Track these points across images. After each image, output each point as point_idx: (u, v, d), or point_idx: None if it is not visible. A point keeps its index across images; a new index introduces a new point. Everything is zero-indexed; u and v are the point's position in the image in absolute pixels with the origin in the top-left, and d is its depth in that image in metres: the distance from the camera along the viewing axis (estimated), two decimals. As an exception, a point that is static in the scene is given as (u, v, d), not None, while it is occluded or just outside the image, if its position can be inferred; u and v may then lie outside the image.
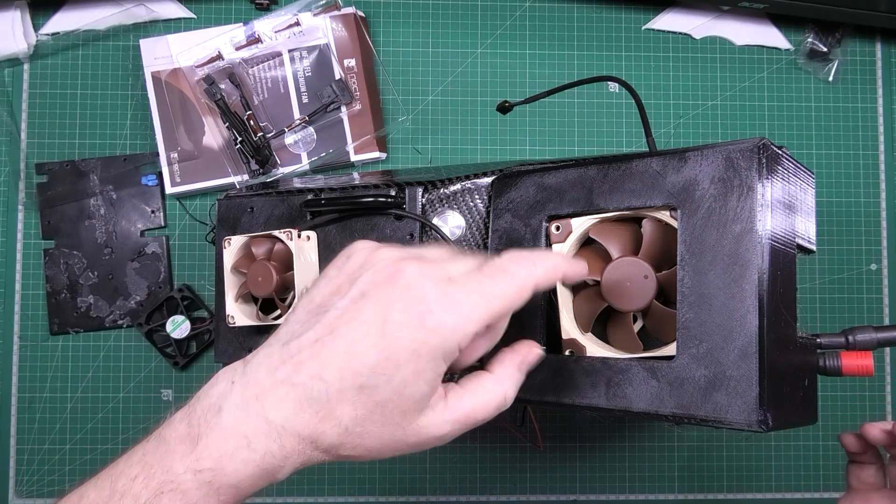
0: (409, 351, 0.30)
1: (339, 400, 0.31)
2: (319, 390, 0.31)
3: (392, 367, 0.30)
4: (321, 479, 0.69)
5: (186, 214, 0.70)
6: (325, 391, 0.31)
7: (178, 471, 0.31)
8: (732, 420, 0.35)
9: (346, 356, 0.30)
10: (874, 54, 0.73)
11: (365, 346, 0.30)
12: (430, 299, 0.31)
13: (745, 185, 0.37)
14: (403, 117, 0.70)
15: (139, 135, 0.71)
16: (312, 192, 0.54)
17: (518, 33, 0.72)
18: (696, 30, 0.72)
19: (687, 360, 0.37)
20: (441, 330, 0.30)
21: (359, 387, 0.31)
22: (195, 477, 0.31)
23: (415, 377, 0.31)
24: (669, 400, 0.37)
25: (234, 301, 0.54)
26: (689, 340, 0.37)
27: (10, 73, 0.71)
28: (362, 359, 0.30)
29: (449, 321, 0.30)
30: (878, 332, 0.43)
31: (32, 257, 0.70)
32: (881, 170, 0.73)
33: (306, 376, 0.31)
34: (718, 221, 0.37)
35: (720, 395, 0.36)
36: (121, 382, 0.69)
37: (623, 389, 0.39)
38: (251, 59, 0.68)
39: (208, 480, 0.31)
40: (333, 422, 0.31)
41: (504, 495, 0.70)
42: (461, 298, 0.31)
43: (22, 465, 0.68)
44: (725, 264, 0.37)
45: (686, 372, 0.37)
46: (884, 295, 0.72)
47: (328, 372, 0.31)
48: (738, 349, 0.36)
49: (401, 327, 0.30)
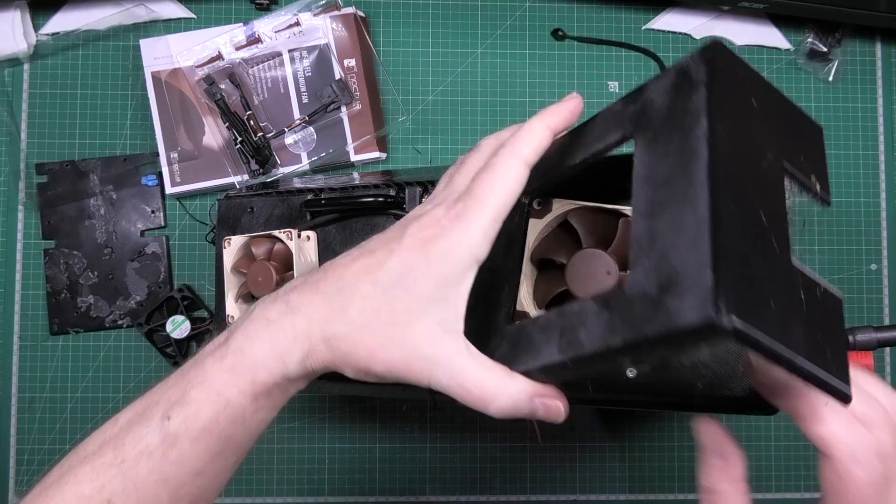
0: (421, 254, 0.33)
1: (350, 292, 0.33)
2: (337, 285, 0.34)
3: (404, 268, 0.33)
4: (321, 479, 0.69)
5: (186, 214, 0.70)
6: (340, 285, 0.34)
7: (207, 367, 0.34)
8: (685, 322, 0.27)
9: (366, 263, 0.34)
10: (874, 54, 0.73)
11: (383, 255, 0.33)
12: (441, 216, 0.33)
13: (696, 81, 0.32)
14: (403, 117, 0.70)
15: (139, 135, 0.71)
16: (312, 192, 0.54)
17: (518, 33, 0.72)
18: (696, 30, 0.72)
19: (639, 275, 0.31)
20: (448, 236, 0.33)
21: (371, 282, 0.33)
22: (220, 365, 0.34)
23: (424, 278, 0.33)
24: (621, 328, 0.30)
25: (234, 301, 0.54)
26: (640, 253, 0.31)
27: (10, 73, 0.71)
28: (379, 262, 0.33)
29: (452, 227, 0.33)
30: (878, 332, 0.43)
31: (32, 257, 0.70)
32: (881, 170, 0.73)
33: (331, 278, 0.34)
34: (671, 125, 0.33)
35: (671, 299, 0.28)
36: (121, 382, 0.69)
37: (576, 335, 0.33)
38: (251, 59, 0.68)
39: (231, 365, 0.34)
40: (340, 307, 0.33)
41: (504, 495, 0.70)
42: (461, 208, 0.33)
43: (22, 465, 0.68)
44: (678, 161, 0.31)
45: (638, 288, 0.30)
46: (884, 295, 0.72)
47: (348, 273, 0.34)
48: (689, 238, 0.29)
49: (414, 237, 0.33)
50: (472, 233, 0.32)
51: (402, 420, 0.70)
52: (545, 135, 0.35)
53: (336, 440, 0.70)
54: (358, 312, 0.33)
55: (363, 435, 0.70)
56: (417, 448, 0.70)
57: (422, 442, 0.70)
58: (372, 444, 0.70)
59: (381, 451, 0.70)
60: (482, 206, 0.33)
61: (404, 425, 0.70)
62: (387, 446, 0.70)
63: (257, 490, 0.69)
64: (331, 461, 0.70)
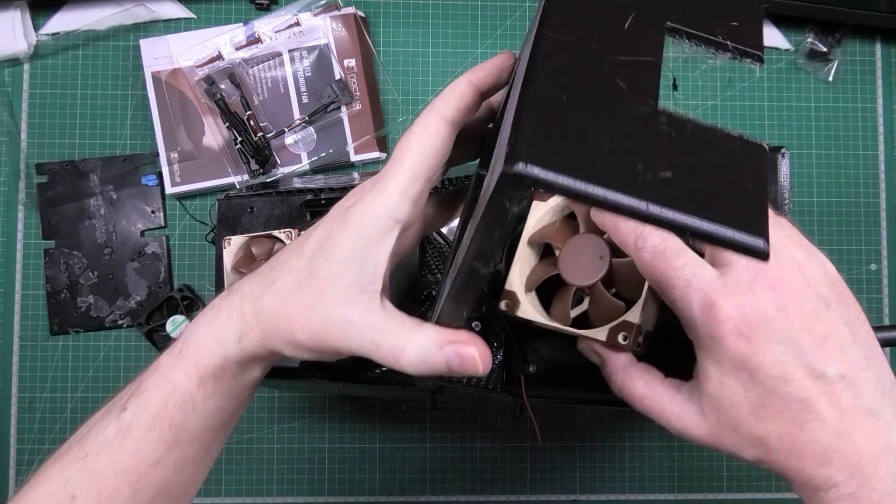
0: (339, 222, 0.33)
1: (280, 267, 0.34)
2: (272, 264, 0.35)
3: (324, 234, 0.33)
4: (321, 479, 0.69)
5: (186, 214, 0.70)
6: (274, 263, 0.35)
7: (161, 358, 0.35)
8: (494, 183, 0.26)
9: (299, 242, 0.34)
10: (874, 54, 0.73)
11: (313, 230, 0.34)
12: (364, 186, 0.34)
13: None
14: (403, 117, 0.70)
15: (139, 135, 0.71)
16: (312, 192, 0.54)
17: (518, 33, 0.72)
18: (696, 30, 0.72)
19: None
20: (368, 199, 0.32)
21: (298, 255, 0.34)
22: (170, 354, 0.35)
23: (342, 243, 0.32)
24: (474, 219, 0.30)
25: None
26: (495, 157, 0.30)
27: (10, 73, 0.71)
28: (309, 238, 0.34)
29: (373, 191, 0.32)
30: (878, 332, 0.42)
31: (32, 257, 0.70)
32: (881, 170, 0.73)
33: (271, 261, 0.35)
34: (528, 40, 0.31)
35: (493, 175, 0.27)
36: (121, 382, 0.69)
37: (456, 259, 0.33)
38: (251, 59, 0.68)
39: (178, 352, 0.35)
40: (269, 284, 0.34)
41: (504, 495, 0.70)
42: (381, 175, 0.33)
43: (22, 465, 0.68)
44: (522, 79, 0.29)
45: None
46: (884, 295, 0.72)
47: (284, 252, 0.35)
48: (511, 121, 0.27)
49: (338, 208, 0.34)
50: (389, 192, 0.32)
51: (402, 420, 0.70)
52: (468, 90, 0.34)
53: (336, 440, 0.70)
54: (282, 284, 0.33)
55: (363, 435, 0.70)
56: (417, 448, 0.70)
57: (422, 442, 0.70)
58: (372, 444, 0.70)
59: (381, 451, 0.70)
60: (399, 165, 0.32)
61: (404, 425, 0.70)
62: (387, 446, 0.70)
63: (257, 490, 0.69)
64: (331, 461, 0.70)
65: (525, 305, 0.40)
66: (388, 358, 0.32)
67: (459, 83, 0.34)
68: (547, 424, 0.70)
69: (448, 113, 0.33)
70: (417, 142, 0.32)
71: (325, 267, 0.32)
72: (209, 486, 0.69)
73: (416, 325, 0.33)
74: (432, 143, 0.32)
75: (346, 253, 0.32)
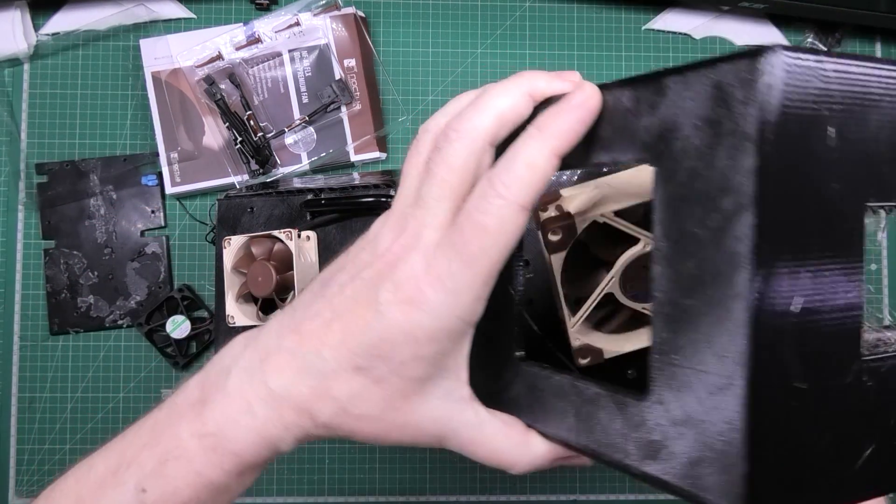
0: (405, 333, 0.28)
1: (335, 378, 0.29)
2: (317, 366, 0.29)
3: (389, 348, 0.28)
4: (321, 479, 0.69)
5: (186, 214, 0.70)
6: (322, 368, 0.29)
7: (183, 436, 0.30)
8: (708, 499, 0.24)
9: (343, 335, 0.29)
10: (874, 54, 0.73)
11: (359, 327, 0.28)
12: (420, 276, 0.27)
13: (738, 132, 0.22)
14: (403, 117, 0.70)
15: (139, 135, 0.71)
16: (312, 192, 0.54)
17: (518, 33, 0.72)
18: (696, 30, 0.72)
19: (661, 406, 0.25)
20: (434, 310, 0.27)
21: (355, 368, 0.29)
22: (199, 442, 0.30)
23: (415, 361, 0.28)
24: (637, 454, 0.27)
25: (234, 301, 0.54)
26: (662, 375, 0.25)
27: (10, 73, 0.71)
28: (358, 340, 0.29)
29: (438, 300, 0.27)
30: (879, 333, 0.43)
31: (32, 257, 0.70)
32: (881, 170, 0.73)
33: (308, 349, 0.30)
34: (702, 193, 0.23)
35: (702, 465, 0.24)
36: (121, 382, 0.69)
37: (592, 426, 0.29)
38: (251, 59, 0.68)
39: (212, 446, 0.30)
40: (329, 400, 0.29)
41: (504, 495, 0.70)
42: (444, 271, 0.27)
43: (22, 465, 0.68)
44: (710, 267, 0.23)
45: (659, 421, 0.25)
46: (884, 295, 0.72)
47: (326, 350, 0.29)
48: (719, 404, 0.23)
49: (392, 307, 0.28)
50: (463, 302, 0.27)
51: (402, 420, 0.70)
52: (550, 166, 0.27)
53: (336, 440, 0.70)
54: (348, 401, 0.29)
55: (363, 435, 0.70)
56: (417, 448, 0.70)
57: (422, 442, 0.70)
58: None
59: (381, 451, 0.70)
60: (471, 271, 0.27)
61: (404, 425, 0.70)
62: (387, 446, 0.70)
63: (257, 490, 0.69)
64: (331, 461, 0.70)
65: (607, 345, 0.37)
66: (495, 467, 0.32)
67: (539, 160, 0.27)
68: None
69: (529, 200, 0.27)
70: (495, 242, 0.27)
71: (398, 386, 0.29)
72: (209, 486, 0.69)
73: (522, 440, 0.31)
74: (511, 242, 0.27)
75: (421, 371, 0.29)
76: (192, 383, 0.32)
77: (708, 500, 0.23)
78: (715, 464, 0.23)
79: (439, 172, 0.28)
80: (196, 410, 0.31)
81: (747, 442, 0.22)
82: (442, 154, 0.28)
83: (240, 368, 0.31)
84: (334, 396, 0.29)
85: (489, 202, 0.27)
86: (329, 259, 0.53)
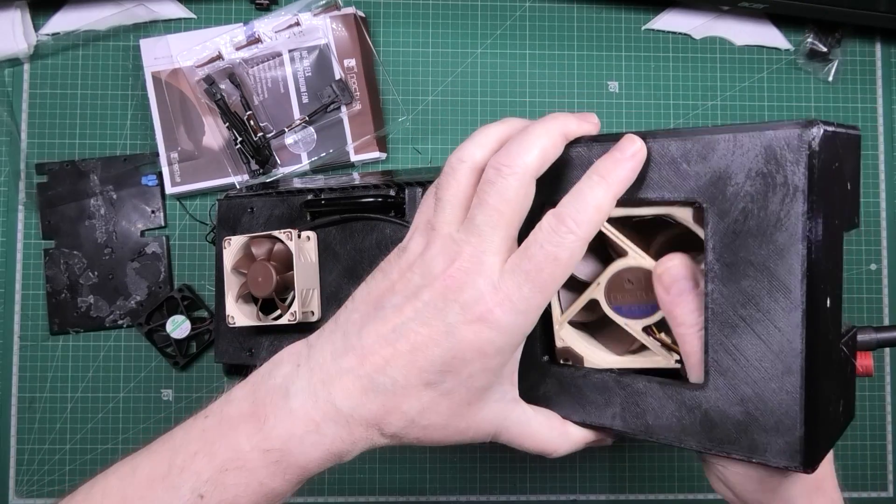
0: (475, 349, 0.31)
1: (405, 394, 0.32)
2: (385, 384, 0.32)
3: (459, 364, 0.31)
4: (321, 479, 0.69)
5: (186, 214, 0.70)
6: (390, 385, 0.32)
7: (244, 448, 0.32)
8: (769, 460, 0.31)
9: (411, 355, 0.31)
10: (874, 54, 0.73)
11: (429, 346, 0.31)
12: (487, 297, 0.31)
13: (790, 185, 0.30)
14: (403, 117, 0.70)
15: (139, 135, 0.71)
16: (312, 192, 0.54)
17: (518, 33, 0.72)
18: (696, 30, 0.72)
19: (717, 392, 0.33)
20: (504, 329, 0.31)
21: (425, 383, 0.32)
22: (263, 456, 0.32)
23: (482, 373, 0.32)
24: (697, 432, 0.33)
25: (234, 301, 0.54)
26: (719, 367, 0.32)
27: (10, 73, 0.71)
28: (429, 358, 0.31)
29: (508, 320, 0.31)
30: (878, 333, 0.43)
31: (32, 257, 0.70)
32: (881, 170, 0.73)
33: (371, 369, 0.32)
34: (757, 227, 0.31)
35: (757, 433, 0.31)
36: (121, 382, 0.69)
37: (642, 413, 0.35)
38: (251, 59, 0.68)
39: (276, 460, 0.32)
40: (399, 414, 0.32)
41: (504, 495, 0.70)
42: (515, 294, 0.31)
43: (22, 465, 0.68)
44: (765, 283, 0.31)
45: (716, 404, 0.33)
46: (884, 295, 0.72)
47: (393, 369, 0.31)
48: (779, 383, 0.31)
49: (462, 327, 0.31)
50: (530, 321, 0.32)
51: (402, 420, 0.70)
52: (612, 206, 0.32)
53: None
54: (417, 414, 0.32)
55: (363, 435, 0.70)
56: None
57: (422, 442, 0.70)
58: (372, 444, 0.70)
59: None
60: (542, 295, 0.31)
61: (404, 425, 0.70)
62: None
63: (257, 490, 0.69)
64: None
65: (590, 355, 0.40)
66: (538, 453, 0.37)
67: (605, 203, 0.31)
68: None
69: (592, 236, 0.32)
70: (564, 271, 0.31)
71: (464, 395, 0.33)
72: (209, 486, 0.69)
73: (563, 430, 0.37)
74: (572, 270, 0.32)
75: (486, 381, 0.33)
76: (239, 395, 0.34)
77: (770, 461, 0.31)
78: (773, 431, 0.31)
79: (493, 203, 0.31)
80: (253, 425, 0.32)
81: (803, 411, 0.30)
82: (496, 187, 0.31)
83: (299, 389, 0.33)
84: (404, 411, 0.32)
85: (562, 237, 0.31)
86: (329, 259, 0.53)
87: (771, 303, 0.31)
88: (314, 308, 0.52)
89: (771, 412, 0.31)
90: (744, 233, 0.31)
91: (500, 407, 0.35)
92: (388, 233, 0.51)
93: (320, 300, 0.53)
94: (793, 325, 0.30)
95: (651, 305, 0.36)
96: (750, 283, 0.31)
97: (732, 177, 0.31)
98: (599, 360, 0.39)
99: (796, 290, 0.30)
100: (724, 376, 0.32)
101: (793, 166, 0.30)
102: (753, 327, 0.31)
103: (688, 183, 0.32)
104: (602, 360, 0.39)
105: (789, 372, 0.30)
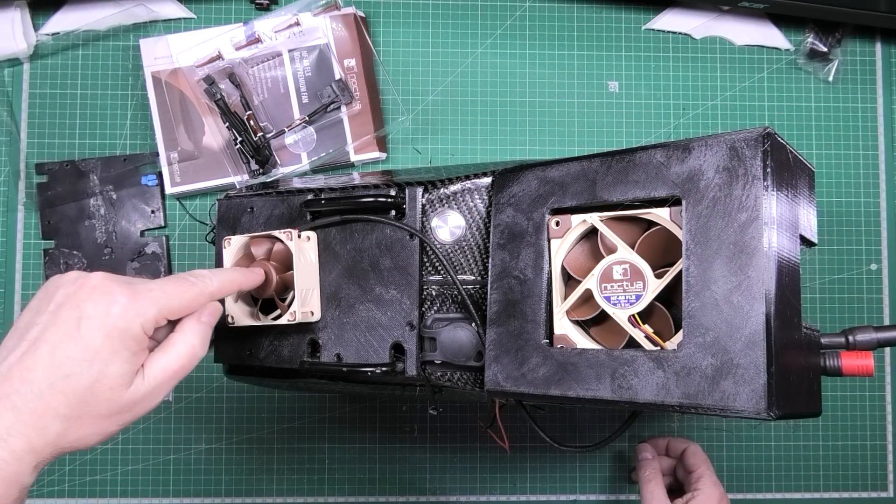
0: (102, 335, 0.36)
1: (50, 393, 0.35)
2: (31, 391, 0.35)
3: (91, 352, 0.35)
4: (321, 479, 0.69)
5: (186, 214, 0.70)
6: (35, 390, 0.35)
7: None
8: (740, 408, 0.35)
9: (50, 355, 0.35)
10: (874, 54, 0.73)
11: (64, 343, 0.35)
12: (116, 292, 0.37)
13: (749, 174, 0.37)
14: (403, 117, 0.70)
15: (139, 135, 0.71)
16: (312, 192, 0.54)
17: (518, 33, 0.72)
18: (696, 30, 0.72)
19: (693, 349, 0.38)
20: (125, 314, 0.36)
21: (65, 376, 0.35)
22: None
23: (112, 356, 0.36)
24: (675, 390, 0.38)
25: (234, 301, 0.54)
26: (695, 329, 0.38)
27: (10, 73, 0.71)
28: (64, 352, 0.35)
29: (132, 307, 0.36)
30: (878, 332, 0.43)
31: (32, 257, 0.70)
32: (881, 170, 0.73)
33: (17, 384, 0.34)
34: (724, 210, 0.38)
35: (727, 384, 0.36)
36: (121, 382, 0.69)
37: (628, 381, 0.39)
38: (251, 59, 0.68)
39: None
40: (51, 414, 0.35)
41: (504, 495, 0.70)
42: (142, 291, 0.37)
43: (22, 465, 0.68)
44: (731, 253, 0.37)
45: (692, 361, 0.37)
46: (884, 295, 0.72)
47: (35, 374, 0.35)
48: (746, 337, 0.36)
49: (92, 318, 0.36)
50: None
51: (402, 420, 0.70)
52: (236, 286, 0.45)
53: (336, 440, 0.70)
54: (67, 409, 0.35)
55: (363, 435, 0.70)
56: (417, 448, 0.70)
57: (422, 442, 0.70)
58: (372, 444, 0.70)
59: (381, 451, 0.70)
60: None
61: (404, 425, 0.70)
62: (387, 446, 0.70)
63: (257, 490, 0.69)
64: (331, 461, 0.70)
65: (581, 340, 0.45)
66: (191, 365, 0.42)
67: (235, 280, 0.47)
68: (547, 425, 0.70)
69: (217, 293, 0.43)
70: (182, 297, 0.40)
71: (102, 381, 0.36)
72: (209, 486, 0.69)
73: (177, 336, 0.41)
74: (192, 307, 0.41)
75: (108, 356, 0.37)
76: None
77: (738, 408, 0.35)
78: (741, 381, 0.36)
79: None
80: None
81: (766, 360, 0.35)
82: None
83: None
84: (54, 409, 0.35)
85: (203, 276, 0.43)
86: (329, 258, 0.53)
87: (736, 269, 0.37)
88: (314, 308, 0.52)
89: (738, 365, 0.36)
90: (714, 216, 0.38)
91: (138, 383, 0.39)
92: (388, 233, 0.51)
93: (320, 300, 0.53)
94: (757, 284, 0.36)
95: (636, 296, 0.42)
96: (720, 256, 0.38)
97: (704, 173, 0.39)
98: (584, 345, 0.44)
99: (760, 253, 0.36)
100: (698, 336, 0.37)
101: (751, 160, 0.37)
102: (722, 293, 0.37)
103: (669, 180, 0.40)
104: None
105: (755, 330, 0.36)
